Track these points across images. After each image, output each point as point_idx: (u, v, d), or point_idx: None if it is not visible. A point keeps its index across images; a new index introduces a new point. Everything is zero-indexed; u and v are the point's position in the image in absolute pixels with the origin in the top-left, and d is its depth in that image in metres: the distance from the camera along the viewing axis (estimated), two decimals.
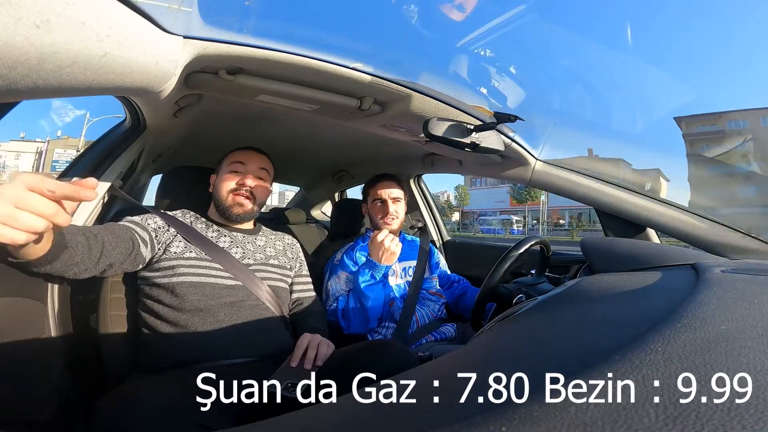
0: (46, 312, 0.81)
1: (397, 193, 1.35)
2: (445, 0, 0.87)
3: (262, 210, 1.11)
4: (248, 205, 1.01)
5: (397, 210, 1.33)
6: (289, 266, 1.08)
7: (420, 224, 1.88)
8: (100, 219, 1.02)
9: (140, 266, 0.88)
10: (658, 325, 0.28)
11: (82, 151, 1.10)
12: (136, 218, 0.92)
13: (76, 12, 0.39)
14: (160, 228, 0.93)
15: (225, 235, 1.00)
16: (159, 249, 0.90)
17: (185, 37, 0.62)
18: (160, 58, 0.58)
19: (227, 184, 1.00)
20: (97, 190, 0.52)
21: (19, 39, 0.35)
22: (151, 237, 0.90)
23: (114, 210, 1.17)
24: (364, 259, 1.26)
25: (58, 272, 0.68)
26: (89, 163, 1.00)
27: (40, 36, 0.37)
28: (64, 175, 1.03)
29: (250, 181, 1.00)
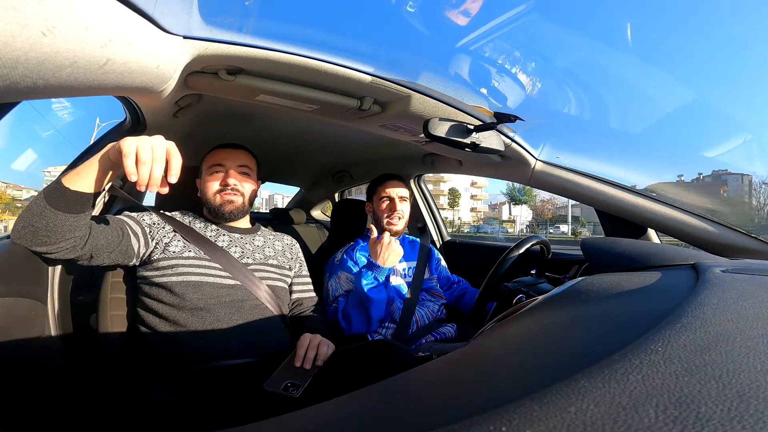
0: (46, 312, 0.81)
1: (404, 192, 1.35)
2: (450, 6, 0.87)
3: (262, 210, 1.11)
4: (238, 200, 1.01)
5: (404, 210, 1.33)
6: (288, 266, 1.08)
7: (420, 224, 1.88)
8: None
9: (133, 260, 0.88)
10: (658, 325, 0.28)
11: (82, 151, 1.10)
12: (132, 213, 0.93)
13: (80, 16, 0.39)
14: (155, 224, 0.93)
15: (224, 235, 1.00)
16: (155, 246, 0.90)
17: (185, 37, 0.62)
18: (160, 58, 0.58)
19: (211, 186, 1.00)
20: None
21: (23, 42, 0.36)
22: (144, 232, 0.90)
23: (114, 210, 1.17)
24: (364, 259, 1.26)
25: (70, 231, 0.70)
26: None
27: (44, 40, 0.37)
28: (65, 174, 1.03)
29: (233, 180, 1.00)
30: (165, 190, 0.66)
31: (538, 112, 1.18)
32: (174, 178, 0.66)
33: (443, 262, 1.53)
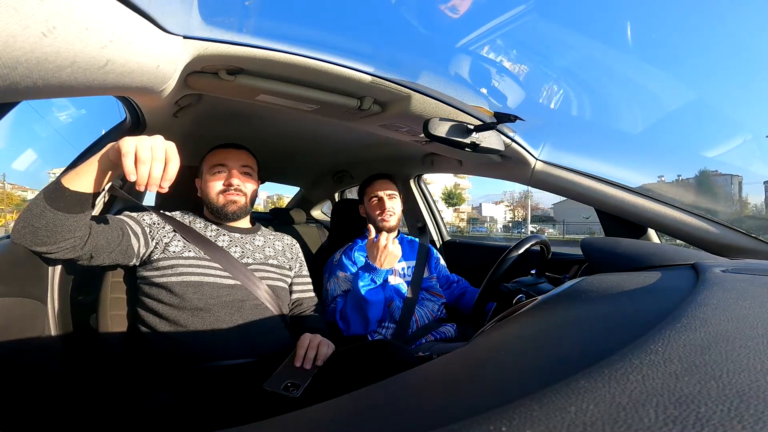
0: (46, 312, 0.81)
1: (392, 190, 1.36)
2: (447, 1, 0.87)
3: (261, 210, 1.11)
4: (241, 200, 1.01)
5: (394, 206, 1.34)
6: (288, 266, 1.08)
7: (419, 224, 1.88)
8: None
9: (133, 260, 0.88)
10: (658, 325, 0.28)
11: (82, 151, 1.10)
12: (132, 213, 0.93)
13: (80, 16, 0.39)
14: (155, 224, 0.93)
15: (224, 235, 1.00)
16: (155, 246, 0.90)
17: (185, 37, 0.62)
18: (161, 58, 0.58)
19: (214, 186, 0.99)
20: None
21: (24, 43, 0.36)
22: (144, 232, 0.90)
23: (114, 210, 1.17)
24: (362, 259, 1.26)
25: (70, 231, 0.70)
26: None
27: (45, 41, 0.37)
28: (65, 174, 1.03)
29: (236, 180, 1.00)
30: (165, 189, 0.66)
31: (538, 112, 1.18)
32: (167, 183, 0.65)
33: (442, 261, 1.53)
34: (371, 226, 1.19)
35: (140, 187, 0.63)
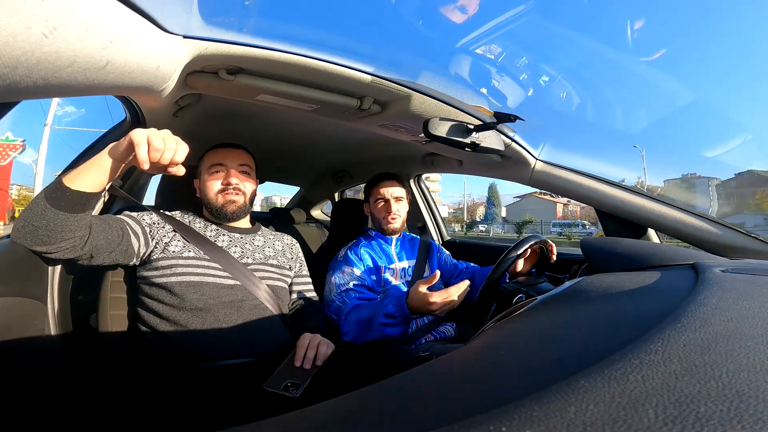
0: (46, 312, 0.81)
1: (399, 192, 1.34)
2: (447, 1, 0.87)
3: (260, 210, 1.10)
4: (240, 200, 1.01)
5: (400, 209, 1.32)
6: (288, 266, 1.08)
7: (419, 224, 1.88)
8: None
9: (134, 260, 0.88)
10: (658, 325, 0.28)
11: (83, 150, 1.10)
12: (132, 213, 0.93)
13: (81, 17, 0.39)
14: (155, 224, 0.93)
15: (224, 235, 1.00)
16: (155, 246, 0.90)
17: (185, 37, 0.62)
18: (161, 58, 0.58)
19: (212, 186, 0.99)
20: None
21: (24, 43, 0.36)
22: (144, 231, 0.90)
23: (114, 209, 1.17)
24: (368, 257, 1.26)
25: (70, 230, 0.71)
26: None
27: (45, 41, 0.37)
28: (65, 174, 1.03)
29: (235, 179, 0.99)
30: (175, 169, 0.70)
31: (538, 112, 1.18)
32: (173, 168, 0.69)
33: (447, 253, 1.51)
34: (438, 272, 1.00)
35: (153, 170, 0.69)
